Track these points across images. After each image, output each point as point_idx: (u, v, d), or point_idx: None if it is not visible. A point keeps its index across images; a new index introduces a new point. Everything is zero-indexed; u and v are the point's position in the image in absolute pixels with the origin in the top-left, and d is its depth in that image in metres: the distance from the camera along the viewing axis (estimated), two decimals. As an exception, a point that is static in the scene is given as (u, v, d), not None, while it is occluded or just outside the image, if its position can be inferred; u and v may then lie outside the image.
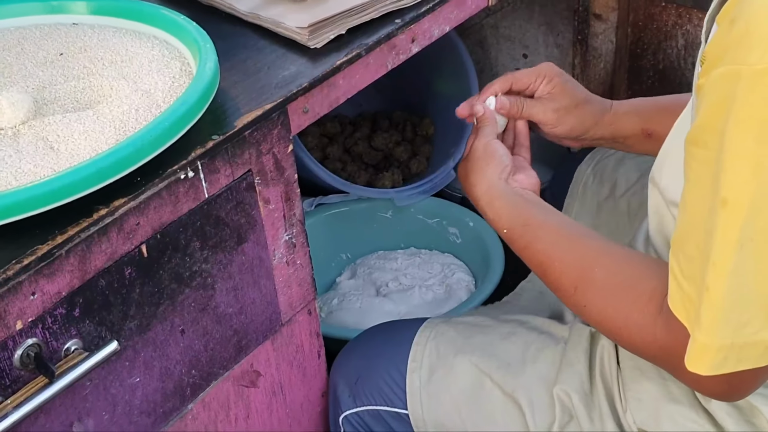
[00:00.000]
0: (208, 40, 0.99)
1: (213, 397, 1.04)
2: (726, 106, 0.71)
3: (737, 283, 0.75)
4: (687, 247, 0.79)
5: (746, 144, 0.71)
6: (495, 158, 1.10)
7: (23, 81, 1.01)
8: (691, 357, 0.79)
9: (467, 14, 1.23)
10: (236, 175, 0.96)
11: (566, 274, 0.95)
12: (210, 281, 0.97)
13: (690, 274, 0.79)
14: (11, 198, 0.78)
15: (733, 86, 0.70)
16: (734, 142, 0.71)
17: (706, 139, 0.74)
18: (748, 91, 0.69)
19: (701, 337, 0.78)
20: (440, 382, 1.12)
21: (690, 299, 0.79)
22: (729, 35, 0.71)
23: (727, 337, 0.77)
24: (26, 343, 0.80)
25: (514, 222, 1.03)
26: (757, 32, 0.69)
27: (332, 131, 1.89)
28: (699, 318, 0.77)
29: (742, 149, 0.71)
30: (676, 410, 0.98)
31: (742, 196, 0.72)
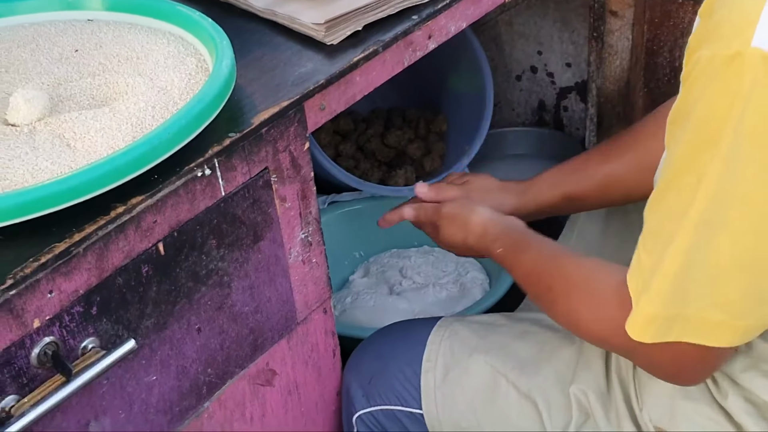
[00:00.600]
0: (224, 36, 0.98)
1: (229, 396, 1.03)
2: (700, 87, 0.75)
3: (691, 260, 0.79)
4: (651, 222, 0.83)
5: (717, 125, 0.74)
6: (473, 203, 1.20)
7: (38, 78, 1.01)
8: (632, 322, 0.84)
9: (484, 10, 1.22)
10: (253, 173, 0.95)
11: (543, 277, 1.02)
12: (226, 279, 0.97)
13: (651, 247, 0.83)
14: (28, 195, 0.77)
15: (707, 69, 0.74)
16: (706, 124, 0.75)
17: (681, 120, 0.78)
18: (720, 73, 0.73)
19: (646, 306, 0.82)
20: (455, 382, 1.11)
21: (642, 270, 0.84)
22: (707, 24, 0.76)
23: (672, 307, 0.81)
24: (43, 341, 0.80)
25: (506, 243, 1.10)
26: (730, 19, 0.73)
27: (345, 128, 1.88)
28: (648, 288, 0.82)
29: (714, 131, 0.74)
30: (692, 408, 0.98)
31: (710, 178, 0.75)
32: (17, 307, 0.77)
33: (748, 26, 0.71)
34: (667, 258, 0.80)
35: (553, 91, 1.97)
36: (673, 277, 0.80)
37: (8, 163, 0.85)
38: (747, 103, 0.72)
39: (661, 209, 0.82)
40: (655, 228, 0.83)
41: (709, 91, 0.74)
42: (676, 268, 0.80)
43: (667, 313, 0.82)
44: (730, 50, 0.72)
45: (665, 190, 0.81)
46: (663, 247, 0.81)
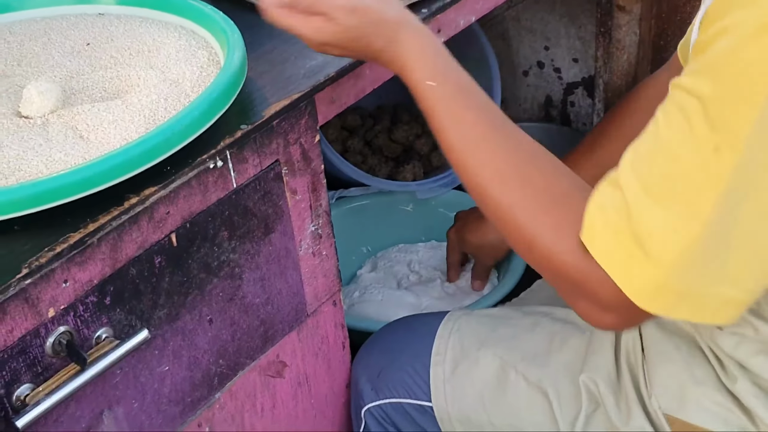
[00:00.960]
0: (235, 29, 0.99)
1: (240, 387, 1.04)
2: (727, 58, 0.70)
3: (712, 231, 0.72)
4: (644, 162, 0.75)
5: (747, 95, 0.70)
6: None
7: (51, 71, 1.02)
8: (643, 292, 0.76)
9: (492, 5, 1.23)
10: (264, 165, 0.96)
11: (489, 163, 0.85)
12: (237, 271, 0.97)
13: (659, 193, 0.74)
14: (43, 186, 0.78)
15: (739, 33, 0.70)
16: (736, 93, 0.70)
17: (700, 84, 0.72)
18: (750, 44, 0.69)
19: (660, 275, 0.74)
20: (464, 375, 1.12)
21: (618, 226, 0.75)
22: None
23: (685, 282, 0.74)
24: (58, 330, 0.81)
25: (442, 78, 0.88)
26: None
27: (353, 124, 1.89)
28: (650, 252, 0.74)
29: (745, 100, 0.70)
30: (701, 392, 0.98)
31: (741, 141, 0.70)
32: (32, 297, 0.78)
33: None
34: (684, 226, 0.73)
35: (560, 86, 1.97)
36: (689, 247, 0.73)
37: (22, 154, 0.86)
38: None
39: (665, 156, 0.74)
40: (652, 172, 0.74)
41: (751, 49, 0.69)
42: (694, 237, 0.73)
43: (680, 288, 0.75)
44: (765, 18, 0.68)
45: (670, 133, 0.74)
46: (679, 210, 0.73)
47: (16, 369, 0.79)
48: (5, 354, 0.77)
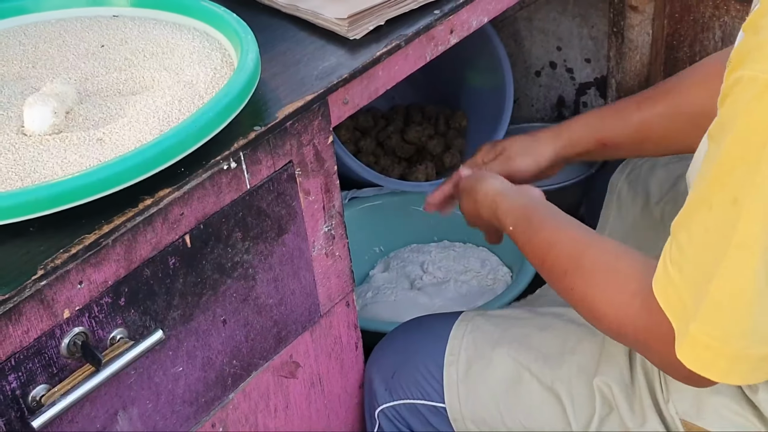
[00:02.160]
0: (248, 31, 0.99)
1: (253, 387, 1.04)
2: (738, 107, 0.73)
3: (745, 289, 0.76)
4: (680, 235, 0.81)
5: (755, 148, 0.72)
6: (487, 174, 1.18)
7: (65, 73, 1.02)
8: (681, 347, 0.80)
9: (505, 5, 1.23)
10: (277, 167, 0.96)
11: (559, 260, 0.98)
12: (251, 272, 0.98)
13: (677, 260, 0.80)
14: (59, 188, 0.78)
15: (747, 90, 0.73)
16: (742, 144, 0.73)
17: (719, 137, 0.76)
18: (761, 96, 0.72)
19: (694, 330, 0.79)
20: (478, 376, 1.12)
21: (673, 285, 0.81)
22: (752, 42, 0.74)
23: (722, 341, 0.78)
24: (73, 331, 0.81)
25: (520, 218, 1.07)
26: None
27: (365, 125, 1.89)
28: (697, 310, 0.78)
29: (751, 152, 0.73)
30: (720, 401, 0.97)
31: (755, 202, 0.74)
32: (48, 298, 0.78)
33: None
34: (716, 283, 0.77)
35: (573, 86, 1.97)
36: (730, 309, 0.77)
37: (38, 156, 0.86)
38: None
39: (691, 224, 0.80)
40: (687, 244, 0.80)
41: (750, 111, 0.73)
42: (730, 298, 0.77)
43: (733, 352, 0.78)
44: None
45: (698, 205, 0.79)
46: (692, 264, 0.79)
47: (31, 370, 0.79)
48: (21, 355, 0.78)
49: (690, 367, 0.80)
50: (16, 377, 0.78)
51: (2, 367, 0.77)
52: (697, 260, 0.79)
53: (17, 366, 0.78)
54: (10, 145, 0.88)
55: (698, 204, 0.79)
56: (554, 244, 0.99)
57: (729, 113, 0.75)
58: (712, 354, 0.79)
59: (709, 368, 0.80)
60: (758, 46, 0.73)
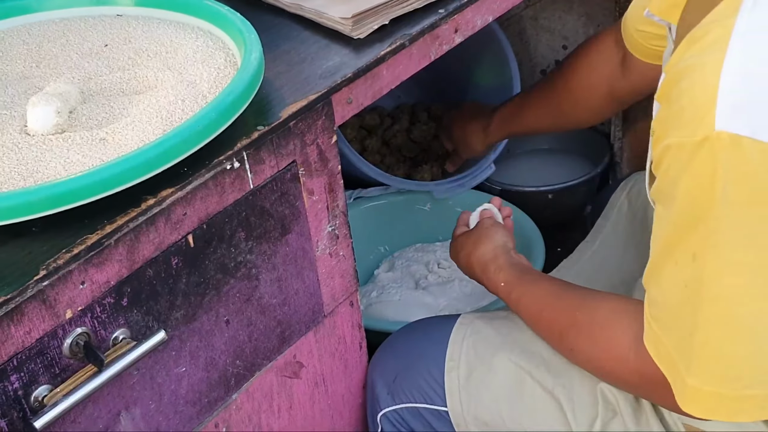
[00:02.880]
0: (252, 30, 0.99)
1: (257, 388, 1.04)
2: (676, 172, 0.78)
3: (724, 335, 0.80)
4: (653, 290, 0.86)
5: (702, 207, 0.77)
6: (502, 230, 1.27)
7: (69, 72, 1.02)
8: (684, 400, 0.84)
9: (510, 4, 1.22)
10: (281, 166, 0.96)
11: (553, 323, 1.05)
12: (254, 272, 0.97)
13: (660, 318, 0.85)
14: (61, 188, 0.78)
15: (678, 156, 0.77)
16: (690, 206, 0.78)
17: (665, 200, 0.82)
18: (692, 159, 0.76)
19: (692, 382, 0.82)
20: (479, 381, 1.11)
21: (661, 342, 0.85)
22: (668, 112, 0.80)
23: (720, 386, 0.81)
24: (75, 332, 0.81)
25: (511, 277, 1.14)
26: (689, 107, 0.76)
27: (371, 123, 1.89)
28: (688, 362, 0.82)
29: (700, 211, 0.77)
30: None
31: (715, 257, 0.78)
32: (50, 298, 0.78)
33: (708, 112, 0.74)
34: (698, 337, 0.81)
35: (578, 85, 1.96)
36: (718, 357, 0.81)
37: (41, 156, 0.86)
38: (726, 181, 0.74)
39: (663, 282, 0.84)
40: (662, 301, 0.85)
41: (687, 176, 0.77)
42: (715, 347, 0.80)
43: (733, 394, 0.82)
44: (696, 137, 0.74)
45: (663, 260, 0.83)
46: (683, 324, 0.82)
47: (34, 370, 0.79)
48: (23, 355, 0.78)
49: (699, 416, 0.84)
50: (19, 378, 0.78)
51: (4, 367, 0.77)
52: (674, 315, 0.83)
53: (19, 366, 0.78)
54: (13, 145, 0.88)
55: (663, 259, 0.83)
56: (544, 308, 1.06)
57: (667, 180, 0.80)
58: (716, 399, 0.82)
59: (717, 412, 0.83)
60: (675, 115, 0.78)
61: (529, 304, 1.09)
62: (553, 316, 1.04)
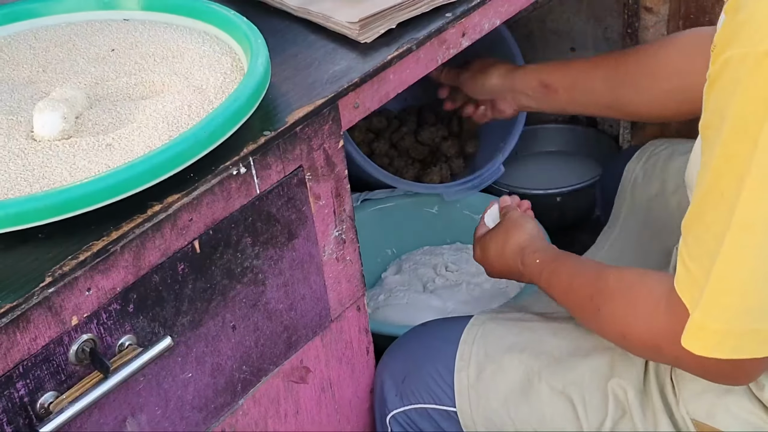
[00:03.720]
0: (258, 35, 0.99)
1: (263, 393, 1.04)
2: (733, 87, 0.74)
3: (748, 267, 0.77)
4: (696, 229, 0.81)
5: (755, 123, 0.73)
6: (531, 220, 1.25)
7: (75, 77, 1.02)
8: (687, 335, 0.82)
9: (518, 8, 1.22)
10: (287, 171, 0.96)
11: (584, 288, 1.02)
12: (261, 277, 0.97)
13: (697, 254, 0.81)
14: (67, 194, 0.78)
15: (739, 68, 0.73)
16: (742, 122, 0.74)
17: (716, 122, 0.77)
18: (753, 71, 0.72)
19: (699, 316, 0.80)
20: (489, 381, 1.11)
21: (695, 280, 0.81)
22: (734, 22, 0.75)
23: (743, 323, 0.79)
24: (81, 338, 0.81)
25: (546, 256, 1.13)
26: (758, 16, 0.72)
27: (378, 126, 1.88)
28: (701, 299, 0.79)
29: (752, 129, 0.73)
30: (732, 400, 0.97)
31: (756, 180, 0.74)
32: (56, 305, 0.78)
33: None
34: (717, 265, 0.78)
35: (587, 87, 1.95)
36: (733, 287, 0.78)
37: (47, 161, 0.86)
38: None
39: (705, 215, 0.80)
40: (700, 234, 0.81)
41: (744, 89, 0.73)
42: (733, 277, 0.78)
43: (739, 329, 0.79)
44: (762, 46, 0.71)
45: (707, 193, 0.79)
46: (712, 254, 0.78)
47: (39, 377, 0.79)
48: (29, 362, 0.78)
49: (697, 352, 0.82)
50: (24, 384, 0.78)
51: (10, 374, 0.77)
52: (710, 249, 0.79)
53: (25, 373, 0.78)
54: (19, 151, 0.88)
55: (707, 194, 0.79)
56: (576, 276, 1.04)
57: (722, 96, 0.76)
58: (720, 336, 0.80)
59: (719, 349, 0.81)
60: (741, 23, 0.74)
61: (561, 276, 1.07)
62: (583, 281, 1.02)
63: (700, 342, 0.81)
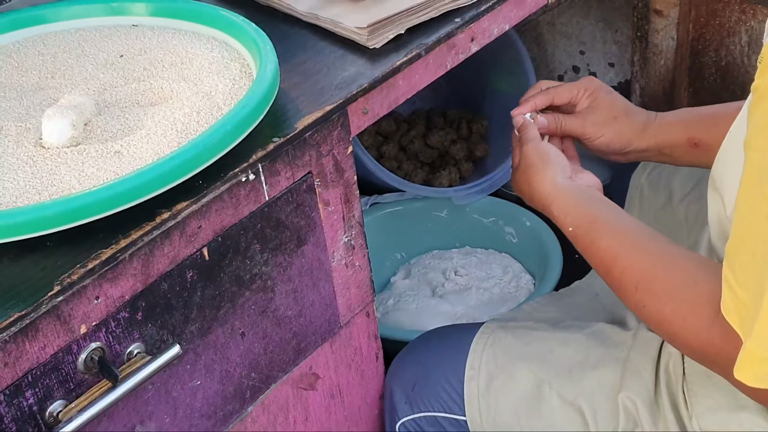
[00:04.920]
0: (267, 41, 0.98)
1: (272, 400, 1.04)
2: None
3: None
4: (742, 255, 0.78)
5: None
6: (551, 158, 1.10)
7: (84, 83, 1.02)
8: (739, 365, 0.78)
9: (527, 12, 1.21)
10: (296, 177, 0.95)
11: (628, 273, 0.94)
12: (270, 284, 0.97)
13: (744, 281, 0.77)
14: (76, 202, 0.78)
15: None
16: None
17: (761, 142, 0.73)
18: None
19: (750, 345, 0.76)
20: (499, 390, 1.10)
21: (744, 306, 0.77)
22: None
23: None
24: (90, 347, 0.81)
25: (580, 220, 1.01)
26: None
27: (387, 130, 1.88)
28: (753, 326, 0.76)
29: None
30: (745, 417, 0.96)
31: None
32: (64, 314, 0.78)
33: None
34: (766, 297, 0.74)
35: (596, 91, 1.95)
36: None
37: (55, 169, 0.86)
38: None
39: (751, 240, 0.76)
40: (746, 259, 0.77)
41: None
42: None
43: None
44: None
45: (753, 218, 0.75)
46: (761, 281, 0.75)
47: (48, 386, 0.79)
48: (38, 371, 0.77)
49: (749, 384, 0.77)
50: (33, 393, 0.78)
51: (19, 383, 0.76)
52: (760, 277, 0.75)
53: (34, 382, 0.77)
54: (28, 158, 0.88)
55: (754, 219, 0.75)
56: (620, 255, 0.95)
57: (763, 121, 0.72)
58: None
59: None
60: None
61: (603, 251, 0.97)
62: (628, 265, 0.93)
63: (752, 373, 0.77)
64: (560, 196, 1.05)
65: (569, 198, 1.05)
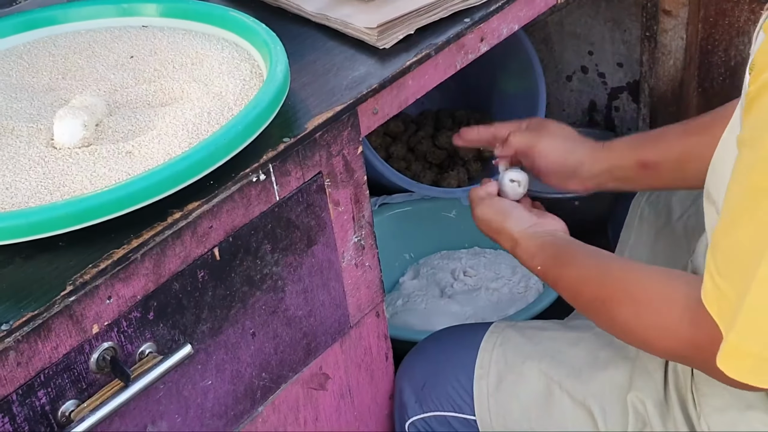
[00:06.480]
0: (277, 41, 0.98)
1: (282, 400, 1.04)
2: None
3: None
4: (725, 245, 0.79)
5: None
6: (513, 214, 1.16)
7: (95, 84, 1.02)
8: (722, 356, 0.79)
9: (536, 12, 1.21)
10: (307, 178, 0.95)
11: (596, 292, 0.97)
12: (280, 284, 0.97)
13: (726, 273, 0.78)
14: (88, 202, 0.78)
15: None
16: None
17: (754, 141, 0.74)
18: None
19: (733, 339, 0.77)
20: (509, 390, 1.10)
21: (725, 297, 0.78)
22: None
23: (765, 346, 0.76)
24: (102, 346, 0.81)
25: (546, 256, 1.06)
26: None
27: (396, 130, 1.88)
28: (736, 318, 0.76)
29: None
30: (754, 416, 0.96)
31: None
32: (77, 313, 0.78)
33: None
34: (755, 289, 0.75)
35: (605, 91, 1.95)
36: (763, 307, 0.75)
37: (67, 169, 0.86)
38: None
39: (736, 232, 0.77)
40: (730, 251, 0.78)
41: None
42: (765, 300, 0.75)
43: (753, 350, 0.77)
44: None
45: (739, 210, 0.77)
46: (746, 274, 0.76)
47: (61, 385, 0.79)
48: (50, 370, 0.78)
49: (732, 375, 0.78)
50: (46, 393, 0.78)
51: (32, 383, 0.77)
52: (744, 269, 0.76)
53: (47, 382, 0.78)
54: (39, 159, 0.88)
55: (740, 211, 0.77)
56: (586, 277, 0.98)
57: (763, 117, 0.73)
58: (756, 361, 0.77)
59: (754, 375, 0.78)
60: None
61: (571, 278, 1.01)
62: (594, 285, 0.96)
63: (735, 365, 0.78)
64: (525, 239, 1.11)
65: (533, 241, 1.10)
